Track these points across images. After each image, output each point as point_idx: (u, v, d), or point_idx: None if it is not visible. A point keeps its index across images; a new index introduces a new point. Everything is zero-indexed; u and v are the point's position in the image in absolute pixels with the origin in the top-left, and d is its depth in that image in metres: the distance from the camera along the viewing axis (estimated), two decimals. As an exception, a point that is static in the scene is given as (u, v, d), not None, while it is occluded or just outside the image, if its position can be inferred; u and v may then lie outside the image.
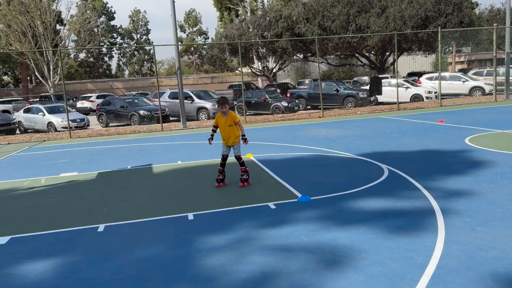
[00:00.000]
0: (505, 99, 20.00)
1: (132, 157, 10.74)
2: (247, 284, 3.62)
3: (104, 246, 4.74)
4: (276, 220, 5.19)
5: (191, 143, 12.72)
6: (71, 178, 8.60)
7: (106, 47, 74.01)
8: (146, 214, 5.80)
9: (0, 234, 5.32)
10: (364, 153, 9.05)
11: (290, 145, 10.99)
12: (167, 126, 18.38)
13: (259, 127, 16.24)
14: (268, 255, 4.16)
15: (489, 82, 26.38)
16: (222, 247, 4.48)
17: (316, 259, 4.00)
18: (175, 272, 3.96)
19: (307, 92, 25.93)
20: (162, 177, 8.27)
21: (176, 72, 17.53)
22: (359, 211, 5.31)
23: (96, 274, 4.03)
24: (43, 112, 21.06)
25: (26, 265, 4.35)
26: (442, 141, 10.00)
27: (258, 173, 7.92)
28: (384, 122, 14.74)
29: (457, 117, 14.60)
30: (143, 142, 13.85)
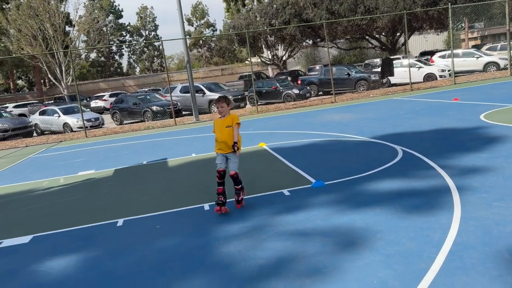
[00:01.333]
0: (520, 73, 19.58)
1: (147, 153, 10.86)
2: (264, 269, 3.66)
3: (124, 240, 4.83)
4: (291, 206, 5.22)
5: (204, 136, 12.80)
6: (89, 176, 8.75)
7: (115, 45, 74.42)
8: (163, 207, 5.88)
9: (22, 234, 5.46)
10: (377, 136, 9.00)
11: (303, 132, 10.98)
12: (180, 120, 18.50)
13: (271, 116, 16.23)
14: (285, 241, 4.20)
15: (503, 57, 25.82)
16: (238, 235, 4.53)
17: (332, 242, 4.03)
18: (194, 261, 4.03)
19: (318, 78, 25.75)
20: (177, 170, 8.36)
21: (186, 66, 17.58)
22: (374, 193, 5.30)
23: (118, 267, 4.12)
24: (58, 114, 21.37)
25: (49, 262, 4.46)
26: (456, 119, 9.88)
27: (272, 161, 7.94)
28: (398, 104, 14.60)
29: (472, 94, 14.37)
30: (157, 137, 13.98)
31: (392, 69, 19.99)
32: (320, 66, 34.38)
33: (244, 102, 23.58)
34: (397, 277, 3.24)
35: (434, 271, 3.26)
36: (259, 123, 14.31)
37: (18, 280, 4.13)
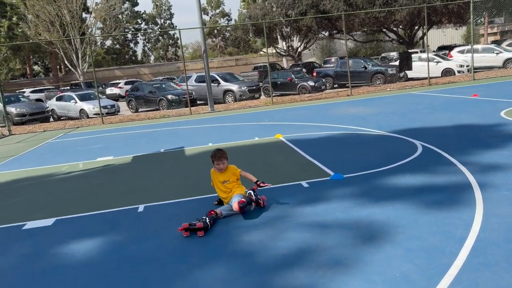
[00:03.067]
0: (542, 70, 19.23)
1: (164, 141, 10.95)
2: (285, 259, 3.70)
3: (145, 225, 4.91)
4: (310, 198, 5.24)
5: (220, 126, 12.85)
6: (108, 162, 8.87)
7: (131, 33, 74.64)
8: (182, 194, 5.95)
9: (46, 216, 5.57)
10: (396, 130, 8.95)
11: (320, 124, 10.96)
12: (195, 109, 18.58)
13: (287, 107, 16.21)
14: (305, 232, 4.23)
15: (524, 54, 25.38)
16: (258, 224, 4.57)
17: (353, 234, 4.05)
18: (215, 248, 4.09)
19: (334, 71, 25.58)
20: (195, 159, 8.42)
21: (202, 55, 17.60)
22: (393, 188, 5.30)
23: (140, 251, 4.20)
24: (75, 100, 21.60)
25: (72, 244, 4.56)
26: (476, 115, 9.77)
27: (289, 152, 7.96)
28: (415, 98, 14.47)
29: (492, 91, 14.18)
30: (173, 126, 14.07)
31: (410, 63, 19.78)
32: (335, 58, 34.09)
33: (259, 93, 23.56)
34: (420, 272, 3.25)
35: (457, 266, 3.26)
36: (274, 114, 14.31)
37: (42, 261, 4.23)
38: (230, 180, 5.19)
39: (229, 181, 5.17)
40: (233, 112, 16.43)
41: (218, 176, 5.22)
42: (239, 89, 22.59)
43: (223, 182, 5.16)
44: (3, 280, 3.87)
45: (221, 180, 5.18)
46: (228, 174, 5.22)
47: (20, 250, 4.56)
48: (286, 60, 46.42)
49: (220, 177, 5.19)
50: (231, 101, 22.44)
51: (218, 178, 5.21)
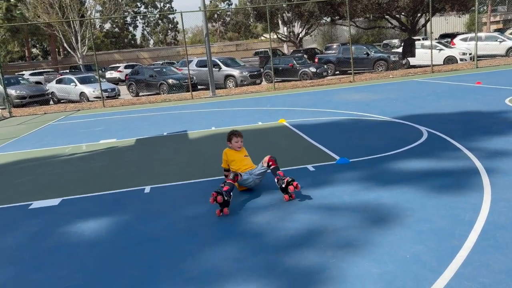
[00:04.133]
0: (545, 59, 19.15)
1: (167, 124, 10.92)
2: (294, 239, 3.72)
3: (152, 206, 4.92)
4: (316, 181, 5.25)
5: (221, 110, 12.81)
6: (111, 144, 8.85)
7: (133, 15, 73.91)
8: (188, 176, 5.95)
9: (52, 196, 5.57)
10: (400, 116, 8.93)
11: (323, 110, 10.93)
12: (196, 94, 18.50)
13: (289, 93, 16.15)
14: (313, 214, 4.24)
15: (527, 42, 25.25)
16: (266, 206, 4.58)
17: (361, 217, 4.06)
18: (223, 228, 4.10)
19: (336, 57, 25.42)
20: (198, 142, 8.41)
21: (204, 39, 17.46)
22: (400, 172, 5.30)
23: (148, 231, 4.21)
24: (75, 83, 21.46)
25: (80, 223, 4.57)
26: (480, 102, 9.75)
27: (294, 137, 7.95)
28: (418, 85, 14.42)
29: (495, 78, 14.13)
30: (175, 110, 14.02)
31: (414, 50, 19.68)
32: (337, 44, 33.90)
33: (260, 79, 23.45)
34: (430, 253, 3.27)
35: (467, 248, 3.28)
36: (276, 99, 14.26)
37: (51, 239, 4.24)
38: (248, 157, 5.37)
39: (249, 157, 5.36)
40: (234, 97, 16.37)
41: (237, 154, 5.27)
42: (240, 74, 22.48)
43: (245, 156, 5.32)
44: (12, 259, 3.88)
45: (242, 155, 5.28)
46: (244, 151, 5.38)
47: (28, 229, 4.57)
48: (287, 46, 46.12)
49: (241, 153, 5.30)
50: (232, 86, 22.35)
51: (238, 154, 5.26)
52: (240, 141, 5.29)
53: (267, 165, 4.99)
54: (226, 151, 5.36)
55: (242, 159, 5.27)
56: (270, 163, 4.98)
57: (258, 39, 58.74)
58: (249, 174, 5.08)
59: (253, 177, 5.09)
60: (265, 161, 5.02)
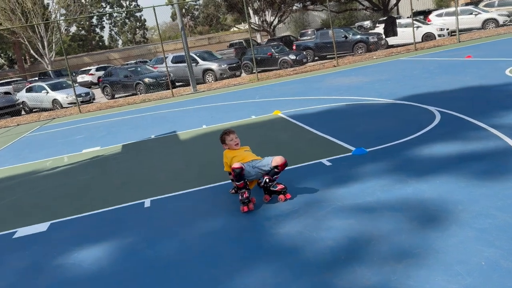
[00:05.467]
0: (525, 28, 19.06)
1: (152, 126, 10.21)
2: (337, 252, 3.15)
3: (157, 223, 4.28)
4: (338, 177, 4.70)
5: (208, 106, 12.14)
6: (95, 153, 8.11)
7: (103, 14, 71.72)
8: (189, 184, 5.31)
9: (37, 221, 4.87)
10: (401, 97, 8.46)
11: (316, 97, 10.39)
12: (177, 91, 17.74)
13: (274, 83, 15.57)
14: (348, 218, 3.68)
15: (502, 13, 25.27)
16: (290, 212, 4.00)
17: (407, 217, 3.52)
18: (248, 245, 3.51)
19: (314, 43, 24.92)
20: (191, 143, 7.76)
21: (180, 33, 16.68)
22: (429, 159, 4.79)
23: (159, 255, 3.58)
24: (46, 90, 20.36)
25: (77, 252, 3.90)
26: (480, 76, 9.36)
27: (295, 129, 7.38)
28: (407, 64, 14.03)
29: (483, 51, 13.85)
30: (157, 110, 13.27)
31: (395, 29, 19.34)
32: (312, 30, 33.43)
33: (240, 71, 22.79)
34: (508, 257, 2.76)
35: (551, 247, 2.78)
36: (263, 90, 13.66)
37: (45, 275, 3.57)
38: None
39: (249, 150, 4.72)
40: (217, 92, 15.69)
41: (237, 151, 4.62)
42: (219, 67, 21.78)
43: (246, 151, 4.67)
44: (1, 306, 3.22)
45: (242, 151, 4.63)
46: (246, 148, 4.75)
47: (16, 264, 3.88)
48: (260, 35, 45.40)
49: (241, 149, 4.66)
50: (212, 81, 21.64)
51: (238, 151, 4.61)
52: (235, 137, 4.65)
53: (275, 167, 4.27)
54: (225, 153, 4.70)
55: (242, 154, 4.60)
56: (279, 168, 4.27)
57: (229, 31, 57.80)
58: (251, 166, 4.40)
59: (256, 171, 4.40)
60: (275, 161, 4.27)
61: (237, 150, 4.66)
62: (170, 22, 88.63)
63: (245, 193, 4.24)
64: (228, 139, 4.62)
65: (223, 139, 4.67)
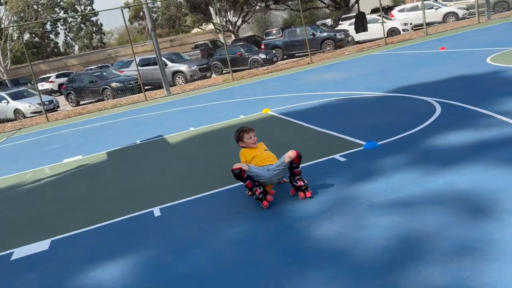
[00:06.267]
0: (487, 20, 19.71)
1: (134, 131, 9.75)
2: (394, 252, 2.95)
3: (177, 232, 3.95)
4: (359, 173, 4.52)
5: (187, 108, 11.77)
6: (79, 162, 7.62)
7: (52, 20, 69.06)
8: (198, 189, 4.98)
9: (35, 239, 4.42)
10: (391, 89, 8.43)
11: (303, 94, 10.24)
12: (150, 95, 17.16)
13: (250, 82, 15.34)
14: (388, 214, 3.50)
15: (461, 7, 26.12)
16: (321, 212, 3.78)
17: (450, 209, 3.37)
18: (287, 250, 3.25)
19: (283, 41, 24.89)
20: (185, 147, 7.41)
21: (150, 34, 16.17)
22: (447, 149, 4.69)
23: (193, 267, 3.27)
24: (6, 100, 19.26)
25: (93, 271, 3.53)
26: (463, 66, 9.48)
27: (293, 126, 7.17)
28: (382, 58, 14.14)
29: (453, 43, 14.14)
30: (133, 114, 12.75)
31: (366, 24, 19.52)
32: (277, 29, 33.42)
33: (210, 72, 22.43)
34: None
35: None
36: (242, 90, 13.40)
37: (63, 301, 3.19)
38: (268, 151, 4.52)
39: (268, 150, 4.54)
40: (192, 93, 15.29)
41: (255, 150, 4.45)
42: (189, 69, 21.35)
43: (265, 150, 4.51)
44: None
45: (261, 150, 4.47)
46: (263, 146, 4.57)
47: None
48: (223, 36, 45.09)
49: (259, 148, 4.50)
50: (182, 83, 21.17)
51: (257, 150, 4.44)
52: (253, 135, 4.49)
53: (291, 162, 4.10)
54: (243, 151, 4.50)
55: (262, 153, 4.42)
56: (295, 162, 4.08)
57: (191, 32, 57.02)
58: (266, 170, 4.20)
59: (269, 174, 4.20)
60: (288, 156, 4.05)
61: (255, 149, 4.46)
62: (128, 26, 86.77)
63: (257, 190, 4.07)
64: (246, 137, 4.44)
65: (241, 136, 4.47)
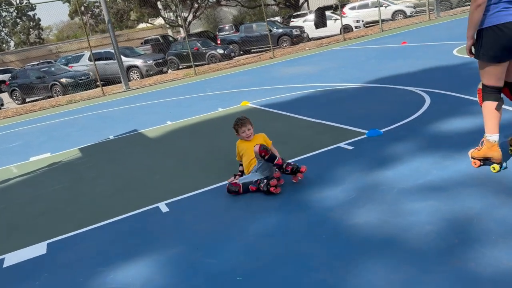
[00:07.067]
0: (437, 17, 20.57)
1: (102, 126, 9.18)
2: (447, 236, 2.85)
3: (195, 228, 3.64)
4: (374, 160, 4.41)
5: (156, 103, 11.28)
6: (49, 160, 7.02)
7: None
8: (199, 182, 4.65)
9: (26, 243, 3.94)
10: (370, 81, 8.48)
11: (277, 86, 10.10)
12: (106, 90, 16.35)
13: (215, 76, 15.01)
14: (424, 199, 3.40)
15: (409, 5, 27.19)
16: (351, 200, 3.62)
17: (489, 191, 3.33)
18: (332, 241, 3.06)
19: (240, 37, 24.69)
20: (167, 140, 7.01)
21: (107, 26, 15.37)
22: (455, 134, 4.70)
23: (228, 264, 2.99)
24: None
25: (112, 273, 3.15)
26: (431, 58, 9.74)
27: (281, 118, 7.00)
28: (346, 52, 14.31)
29: (413, 38, 14.58)
30: (94, 110, 12.05)
31: (325, 20, 19.77)
32: (229, 25, 33.16)
33: (167, 67, 21.81)
34: None
35: None
36: (209, 84, 13.06)
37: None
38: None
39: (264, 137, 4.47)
40: (154, 88, 14.73)
41: (247, 143, 4.39)
42: (144, 63, 20.65)
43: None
44: None
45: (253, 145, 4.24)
46: (259, 140, 4.37)
47: (33, 299, 3.04)
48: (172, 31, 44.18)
49: (253, 142, 4.34)
50: (137, 78, 20.44)
51: (248, 144, 4.35)
52: (248, 129, 4.40)
53: (261, 156, 4.01)
54: (238, 143, 4.52)
55: (251, 154, 4.27)
56: (263, 154, 3.98)
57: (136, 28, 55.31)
58: (254, 171, 4.22)
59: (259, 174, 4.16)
60: (256, 153, 4.04)
61: (249, 142, 4.37)
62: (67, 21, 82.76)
63: (260, 186, 4.01)
64: (241, 130, 4.42)
65: (236, 130, 4.45)
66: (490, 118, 3.52)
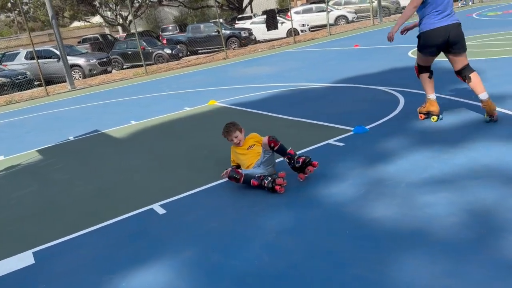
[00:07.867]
0: (379, 23, 21.47)
1: (57, 127, 8.56)
2: (472, 227, 2.88)
3: (203, 228, 3.44)
4: (370, 155, 4.42)
5: (110, 102, 10.74)
6: (3, 164, 6.42)
7: None
8: (192, 182, 4.44)
9: (9, 253, 3.53)
10: (337, 80, 8.61)
11: (240, 86, 9.97)
12: (50, 90, 15.34)
13: (168, 76, 14.59)
14: (436, 192, 3.44)
15: (351, 11, 28.19)
16: (361, 195, 3.58)
17: (497, 182, 3.41)
18: (355, 236, 3.00)
19: (187, 37, 24.25)
20: (137, 140, 6.65)
21: (51, 22, 14.42)
22: (443, 129, 4.83)
23: (252, 264, 2.84)
24: None
25: (124, 281, 2.88)
26: (391, 59, 10.07)
27: (258, 117, 6.88)
28: (301, 54, 14.50)
29: (363, 41, 15.07)
30: (41, 110, 11.25)
31: (276, 22, 19.91)
32: (173, 26, 32.56)
33: (111, 66, 20.92)
34: None
35: None
36: (165, 83, 12.66)
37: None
38: (256, 145, 4.31)
39: (255, 146, 4.31)
40: (102, 88, 14.04)
41: (239, 149, 4.35)
42: (87, 62, 19.67)
43: (249, 148, 4.30)
44: None
45: (245, 147, 4.31)
46: (251, 141, 4.34)
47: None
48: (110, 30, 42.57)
49: (243, 147, 4.33)
50: (79, 78, 19.41)
51: (240, 149, 4.35)
52: (234, 136, 4.31)
53: (270, 147, 3.97)
54: (232, 148, 4.46)
55: (244, 154, 4.28)
56: (273, 145, 3.95)
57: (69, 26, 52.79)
58: (257, 166, 4.12)
59: (263, 168, 4.07)
60: (265, 144, 3.98)
61: (242, 147, 4.31)
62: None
63: (264, 182, 3.87)
64: (229, 139, 4.35)
65: (225, 137, 4.40)
66: (426, 84, 5.03)
